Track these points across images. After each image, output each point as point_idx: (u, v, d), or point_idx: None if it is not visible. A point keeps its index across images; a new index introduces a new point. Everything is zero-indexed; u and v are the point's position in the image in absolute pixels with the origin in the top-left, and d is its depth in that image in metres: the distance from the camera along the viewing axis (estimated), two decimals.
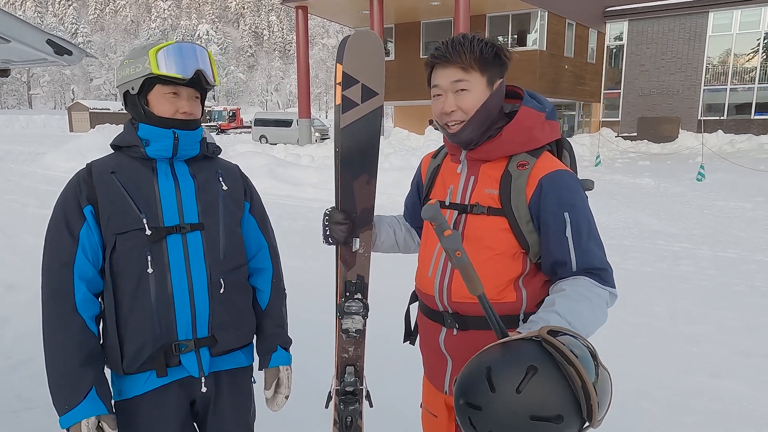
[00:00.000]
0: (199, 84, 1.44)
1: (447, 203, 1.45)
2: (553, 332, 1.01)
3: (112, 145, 1.47)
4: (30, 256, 5.81)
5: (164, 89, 1.40)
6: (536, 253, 1.37)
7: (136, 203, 1.39)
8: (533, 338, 1.00)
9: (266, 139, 24.71)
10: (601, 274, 1.30)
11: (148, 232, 1.37)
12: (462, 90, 1.35)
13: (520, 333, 1.05)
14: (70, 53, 1.82)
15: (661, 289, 4.88)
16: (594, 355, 0.99)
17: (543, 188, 1.32)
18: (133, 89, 1.40)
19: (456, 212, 1.42)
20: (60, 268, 1.35)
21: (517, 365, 0.95)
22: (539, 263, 1.38)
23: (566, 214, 1.30)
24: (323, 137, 25.00)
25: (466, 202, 1.41)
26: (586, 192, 1.39)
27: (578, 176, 1.41)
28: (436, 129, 1.49)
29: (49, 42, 1.75)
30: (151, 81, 1.39)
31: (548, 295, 1.32)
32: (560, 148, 1.46)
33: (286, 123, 25.58)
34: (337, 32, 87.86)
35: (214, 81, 1.45)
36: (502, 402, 0.93)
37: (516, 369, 0.94)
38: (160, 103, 1.41)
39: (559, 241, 1.31)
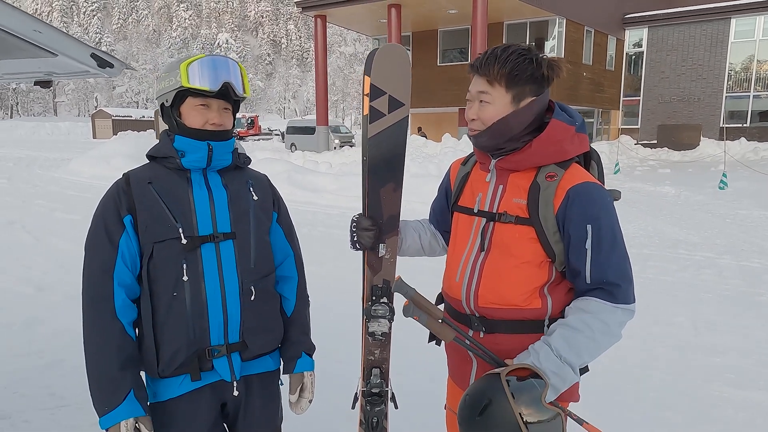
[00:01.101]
0: (229, 96, 1.49)
1: (476, 210, 1.49)
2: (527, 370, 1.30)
3: (148, 156, 1.53)
4: (58, 258, 5.99)
5: (195, 101, 1.46)
6: (562, 262, 1.40)
7: (173, 213, 1.44)
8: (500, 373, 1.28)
9: (296, 147, 24.16)
10: (614, 290, 1.33)
11: (184, 241, 1.42)
12: (483, 102, 1.40)
13: (508, 365, 1.33)
14: (111, 66, 1.91)
15: (683, 298, 4.83)
16: (556, 406, 1.27)
17: (570, 199, 1.35)
18: (167, 102, 1.46)
19: (484, 220, 1.46)
20: (100, 276, 1.41)
21: (481, 397, 1.26)
22: (564, 271, 1.42)
23: (589, 227, 1.33)
24: (342, 144, 24.88)
25: (494, 211, 1.45)
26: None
27: (605, 186, 1.44)
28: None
29: (93, 55, 1.84)
30: (183, 93, 1.45)
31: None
32: (588, 159, 1.49)
33: (336, 130, 25.81)
34: (354, 40, 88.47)
35: (244, 92, 1.50)
36: (470, 423, 1.26)
37: (479, 399, 1.26)
38: (191, 114, 1.46)
39: (578, 252, 1.35)
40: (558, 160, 1.40)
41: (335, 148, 23.37)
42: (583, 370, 1.42)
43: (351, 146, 24.25)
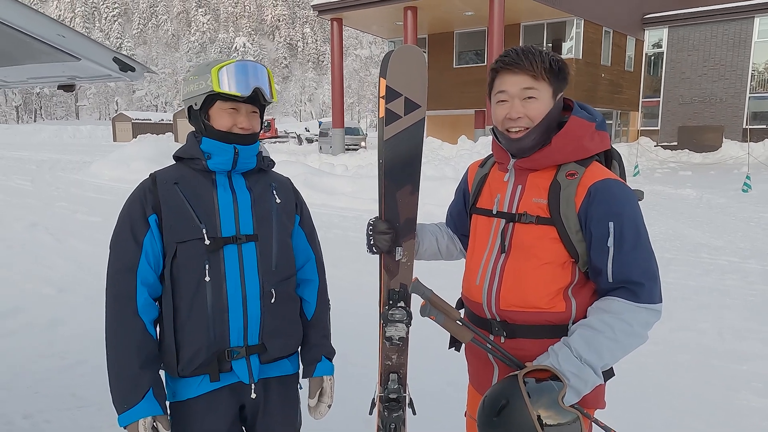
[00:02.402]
0: (258, 100, 1.50)
1: (494, 212, 1.47)
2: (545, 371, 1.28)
3: (175, 157, 1.55)
4: (79, 260, 6.09)
5: (224, 105, 1.47)
6: (585, 263, 1.37)
7: (197, 214, 1.45)
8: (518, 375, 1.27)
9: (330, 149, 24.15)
10: (638, 289, 1.29)
11: (207, 242, 1.43)
12: (530, 98, 1.37)
13: (527, 366, 1.32)
14: (133, 69, 1.92)
15: (706, 304, 4.72)
16: (578, 410, 1.25)
17: (591, 196, 1.32)
18: (196, 104, 1.47)
19: (503, 221, 1.43)
20: (124, 273, 1.42)
21: (498, 397, 1.26)
22: (588, 272, 1.38)
23: (611, 224, 1.30)
24: (348, 148, 24.42)
25: (514, 211, 1.42)
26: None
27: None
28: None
29: (115, 59, 1.85)
30: (213, 97, 1.46)
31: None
32: (609, 158, 1.46)
33: (353, 131, 25.70)
34: (370, 43, 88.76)
35: (272, 98, 1.51)
36: (487, 423, 1.26)
37: (497, 400, 1.25)
38: (220, 116, 1.47)
39: (600, 249, 1.31)
40: (578, 157, 1.38)
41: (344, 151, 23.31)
42: (609, 375, 1.39)
43: (350, 150, 23.74)
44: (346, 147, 24.32)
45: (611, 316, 1.29)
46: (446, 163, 12.67)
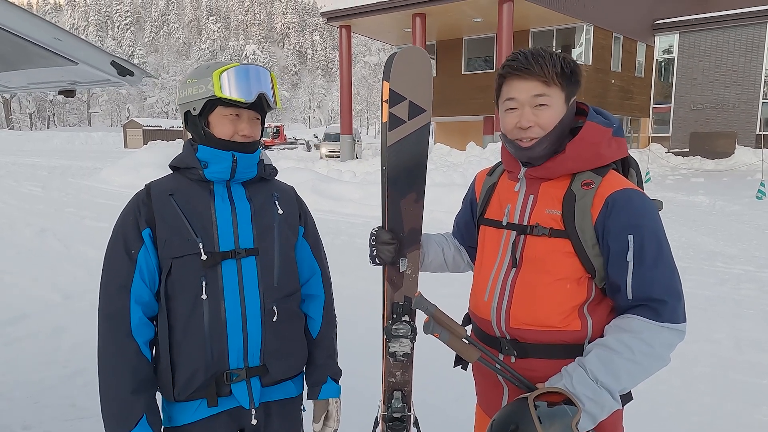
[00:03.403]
0: (261, 106, 1.43)
1: (504, 223, 1.38)
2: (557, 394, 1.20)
3: (171, 166, 1.47)
4: (87, 266, 6.08)
5: (225, 111, 1.39)
6: (602, 278, 1.28)
7: (193, 227, 1.37)
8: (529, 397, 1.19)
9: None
10: (659, 307, 1.20)
11: (204, 257, 1.35)
12: (542, 105, 1.28)
13: (538, 388, 1.23)
14: (132, 74, 1.88)
15: (722, 314, 4.59)
16: None
17: (609, 207, 1.24)
18: (194, 110, 1.39)
19: (514, 233, 1.35)
20: (117, 291, 1.35)
21: (507, 422, 1.18)
22: (605, 288, 1.30)
23: (630, 237, 1.22)
24: (330, 155, 23.99)
25: (525, 223, 1.34)
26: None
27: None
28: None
29: (113, 63, 1.81)
30: (213, 102, 1.38)
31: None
32: (626, 165, 1.38)
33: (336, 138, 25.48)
34: (379, 50, 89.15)
35: (275, 104, 1.43)
36: None
37: (505, 425, 1.18)
38: (221, 124, 1.39)
39: (618, 264, 1.23)
40: (594, 166, 1.29)
41: (323, 158, 22.99)
42: (627, 398, 1.30)
43: (330, 157, 23.35)
44: (328, 154, 24.12)
45: (630, 336, 1.20)
46: (454, 170, 12.59)
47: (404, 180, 1.53)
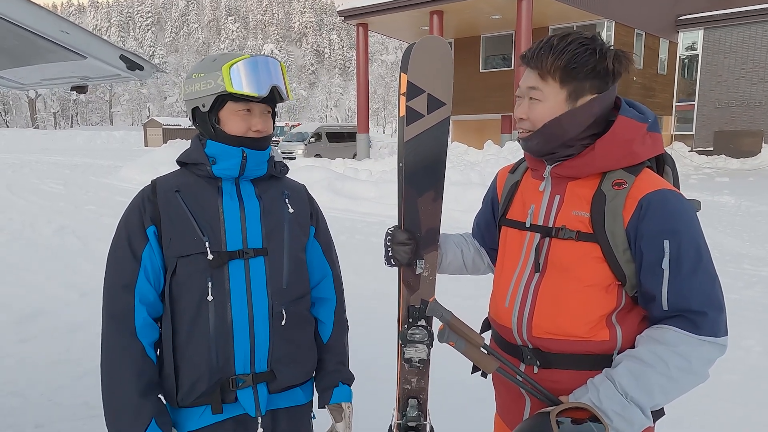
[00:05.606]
0: (273, 100, 1.37)
1: (528, 225, 1.29)
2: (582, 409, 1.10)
3: (178, 161, 1.42)
4: (104, 264, 6.10)
5: (237, 106, 1.33)
6: (633, 286, 1.18)
7: (200, 225, 1.31)
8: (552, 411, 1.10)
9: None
10: (697, 319, 1.09)
11: (210, 256, 1.29)
12: (533, 99, 1.21)
13: (562, 402, 1.15)
14: (141, 68, 1.84)
15: (751, 319, 4.41)
16: None
17: (642, 210, 1.13)
18: (203, 106, 1.33)
19: (538, 236, 1.26)
20: (121, 291, 1.30)
21: None
22: (637, 296, 1.20)
23: (666, 243, 1.11)
24: (286, 156, 22.21)
25: (551, 225, 1.24)
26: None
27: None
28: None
29: (122, 57, 1.77)
30: (223, 97, 1.32)
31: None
32: (661, 163, 1.27)
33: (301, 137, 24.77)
34: (396, 48, 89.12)
35: (287, 96, 1.37)
36: None
37: None
38: (233, 120, 1.33)
39: (653, 272, 1.12)
40: (626, 164, 1.18)
41: (283, 158, 21.92)
42: (659, 413, 1.20)
43: (287, 159, 21.19)
44: (282, 155, 23.14)
45: (665, 349, 1.10)
46: (472, 168, 12.45)
47: (422, 177, 1.45)
